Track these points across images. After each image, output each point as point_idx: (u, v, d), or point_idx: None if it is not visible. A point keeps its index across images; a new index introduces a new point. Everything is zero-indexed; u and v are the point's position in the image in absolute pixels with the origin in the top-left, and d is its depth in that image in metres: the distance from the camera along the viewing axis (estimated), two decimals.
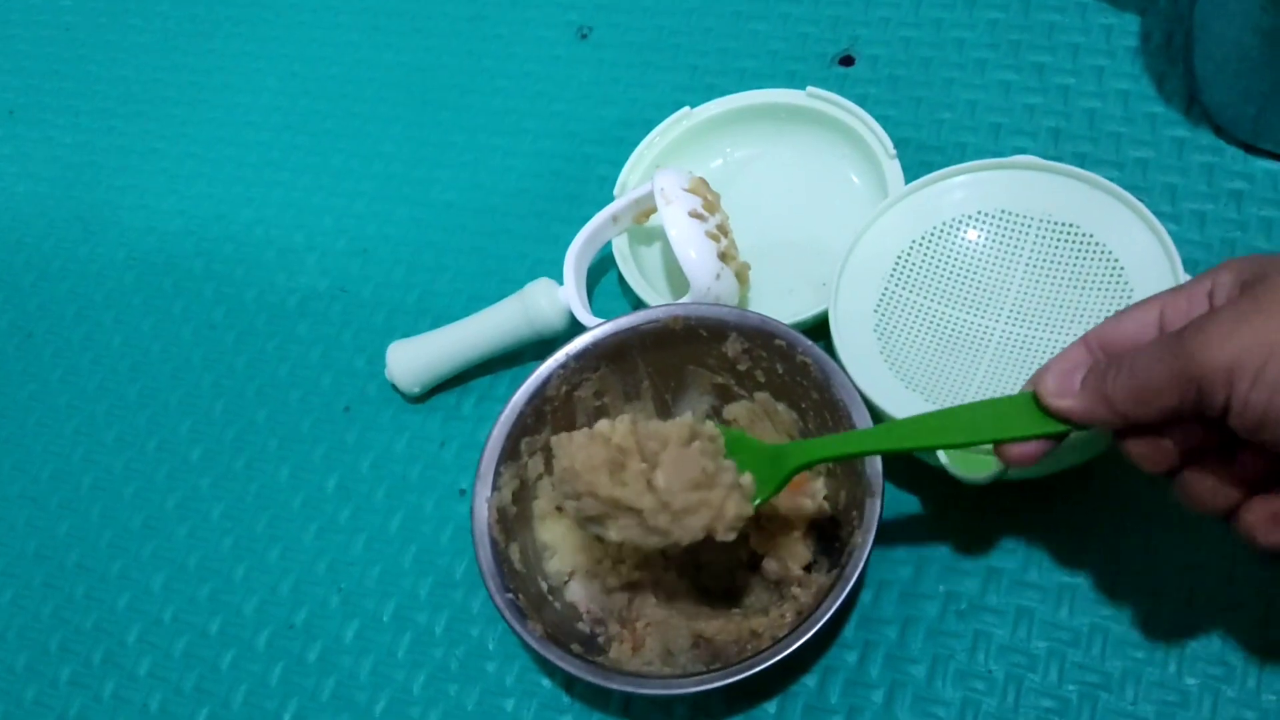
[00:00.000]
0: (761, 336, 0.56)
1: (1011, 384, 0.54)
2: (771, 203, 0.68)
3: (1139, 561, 0.53)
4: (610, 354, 0.58)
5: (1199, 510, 0.43)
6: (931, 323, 0.58)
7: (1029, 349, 0.56)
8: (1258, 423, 0.38)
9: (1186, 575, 0.52)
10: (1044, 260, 0.57)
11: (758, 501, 0.50)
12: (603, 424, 0.50)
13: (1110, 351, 0.43)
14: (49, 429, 0.75)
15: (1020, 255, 0.58)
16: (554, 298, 0.64)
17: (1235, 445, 0.41)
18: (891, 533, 0.56)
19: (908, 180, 0.62)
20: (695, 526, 0.48)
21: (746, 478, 0.50)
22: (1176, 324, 0.42)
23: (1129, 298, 0.54)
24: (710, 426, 0.51)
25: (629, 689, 0.50)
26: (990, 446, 0.49)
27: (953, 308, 0.58)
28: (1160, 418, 0.41)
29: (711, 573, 0.57)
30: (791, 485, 0.56)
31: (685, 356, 0.59)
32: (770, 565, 0.54)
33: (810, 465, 0.50)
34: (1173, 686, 0.50)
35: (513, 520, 0.56)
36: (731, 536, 0.49)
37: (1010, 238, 0.58)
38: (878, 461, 0.51)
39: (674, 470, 0.48)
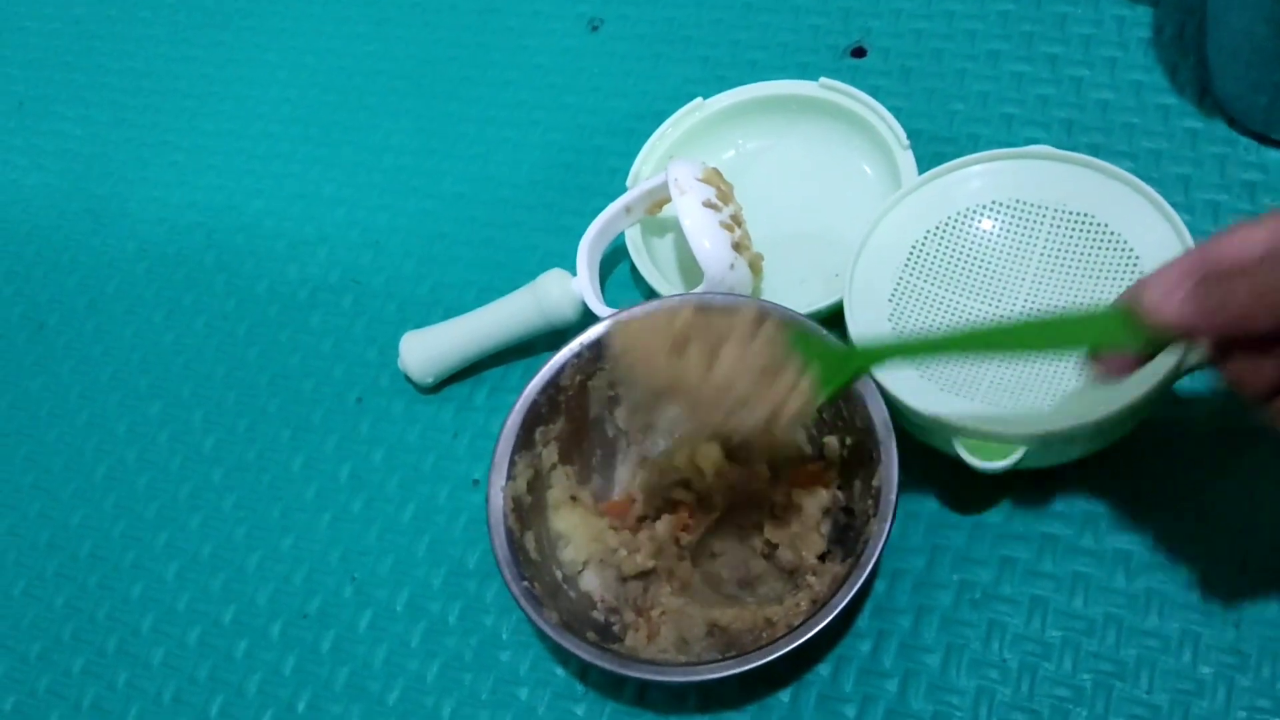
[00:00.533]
0: None
1: (1027, 373, 0.54)
2: (784, 194, 0.68)
3: (1152, 551, 0.53)
4: None
5: None
6: (946, 312, 0.58)
7: None
8: None
9: (1200, 564, 0.52)
10: (1059, 250, 0.57)
11: (822, 398, 0.48)
12: (668, 306, 0.47)
13: (1217, 268, 0.42)
14: (61, 420, 0.75)
15: (1035, 245, 0.58)
16: (567, 288, 0.64)
17: None
18: (905, 522, 0.56)
19: (920, 172, 0.62)
20: (756, 416, 0.46)
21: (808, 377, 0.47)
22: None
23: None
24: (777, 318, 0.48)
25: (645, 676, 0.50)
26: (1007, 435, 0.49)
27: (967, 297, 0.58)
28: (1274, 327, 0.40)
29: (725, 561, 0.57)
30: (807, 477, 0.56)
31: None
32: (785, 554, 0.54)
33: (879, 362, 0.49)
34: (1187, 675, 0.50)
35: (527, 509, 0.56)
36: (789, 434, 0.47)
37: (1025, 227, 0.58)
38: (893, 450, 0.51)
39: (738, 355, 0.46)
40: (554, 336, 0.64)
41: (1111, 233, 0.56)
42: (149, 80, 0.92)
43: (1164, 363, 0.50)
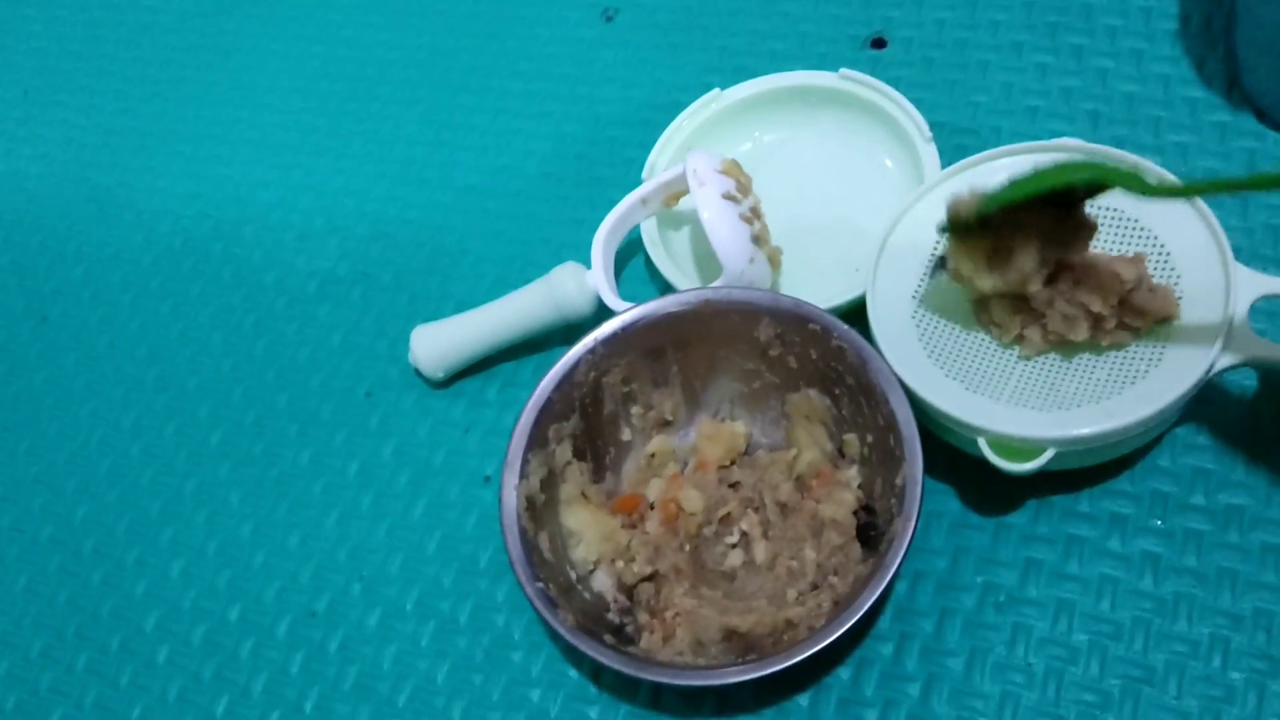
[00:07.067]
0: (795, 321, 0.55)
1: (1053, 373, 0.53)
2: (803, 187, 0.67)
3: (1181, 553, 0.52)
4: (639, 339, 0.57)
5: None
6: (971, 309, 0.56)
7: None
8: None
9: (1229, 568, 0.51)
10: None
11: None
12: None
13: None
14: (65, 413, 0.74)
15: None
16: (581, 282, 0.62)
17: None
18: (927, 522, 0.55)
19: (943, 164, 0.61)
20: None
21: None
22: None
23: (1175, 282, 0.52)
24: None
25: (663, 679, 0.49)
26: (1034, 439, 0.48)
27: None
28: None
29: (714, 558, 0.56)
30: (823, 478, 0.55)
31: (715, 342, 0.58)
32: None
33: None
34: (1217, 681, 0.49)
35: (541, 508, 0.55)
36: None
37: None
38: (918, 447, 0.50)
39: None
40: (568, 331, 0.63)
41: (1141, 227, 0.54)
42: (154, 68, 0.90)
43: (1193, 368, 0.49)
